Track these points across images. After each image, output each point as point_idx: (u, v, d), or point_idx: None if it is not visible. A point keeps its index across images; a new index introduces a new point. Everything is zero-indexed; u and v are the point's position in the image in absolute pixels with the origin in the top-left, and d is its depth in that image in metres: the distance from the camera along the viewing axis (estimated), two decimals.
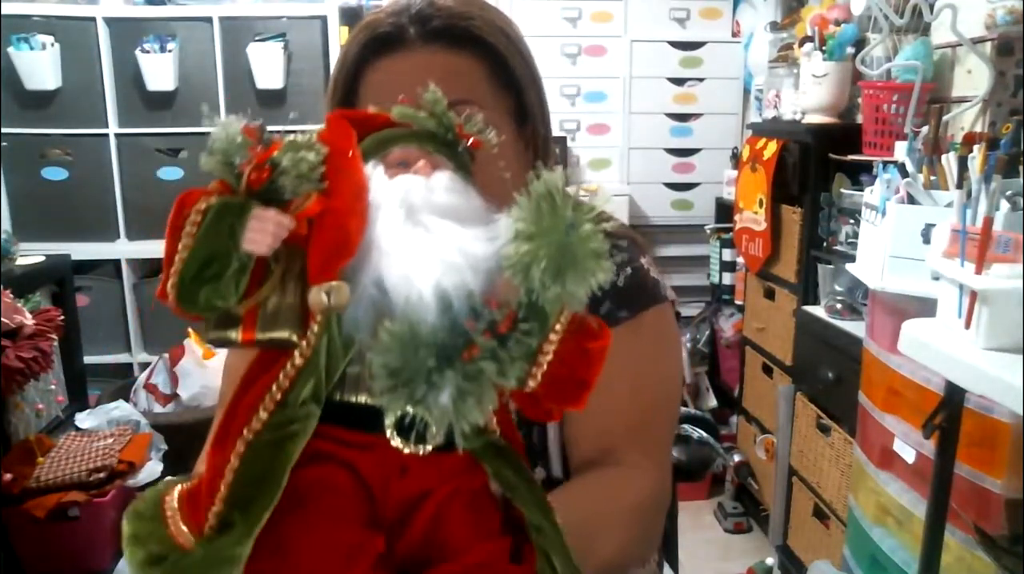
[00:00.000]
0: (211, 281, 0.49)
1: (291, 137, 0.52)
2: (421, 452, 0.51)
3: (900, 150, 1.68)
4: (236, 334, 0.51)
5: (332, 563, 0.50)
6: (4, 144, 2.87)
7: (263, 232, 0.49)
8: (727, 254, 3.02)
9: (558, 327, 0.51)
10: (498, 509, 0.55)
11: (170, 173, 2.95)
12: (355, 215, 0.50)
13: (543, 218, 0.48)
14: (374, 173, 0.54)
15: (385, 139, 0.56)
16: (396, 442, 0.50)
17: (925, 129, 1.69)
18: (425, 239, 0.50)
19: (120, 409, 2.60)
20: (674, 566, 1.22)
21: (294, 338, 0.51)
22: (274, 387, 0.51)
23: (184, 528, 0.51)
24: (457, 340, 0.48)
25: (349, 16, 3.06)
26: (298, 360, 0.50)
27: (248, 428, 0.50)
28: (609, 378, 0.83)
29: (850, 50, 2.22)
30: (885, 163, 1.74)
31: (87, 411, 2.57)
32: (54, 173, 2.94)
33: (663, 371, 0.89)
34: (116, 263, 3.00)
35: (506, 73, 0.83)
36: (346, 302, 0.49)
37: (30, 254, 2.52)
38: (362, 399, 0.51)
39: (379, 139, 0.56)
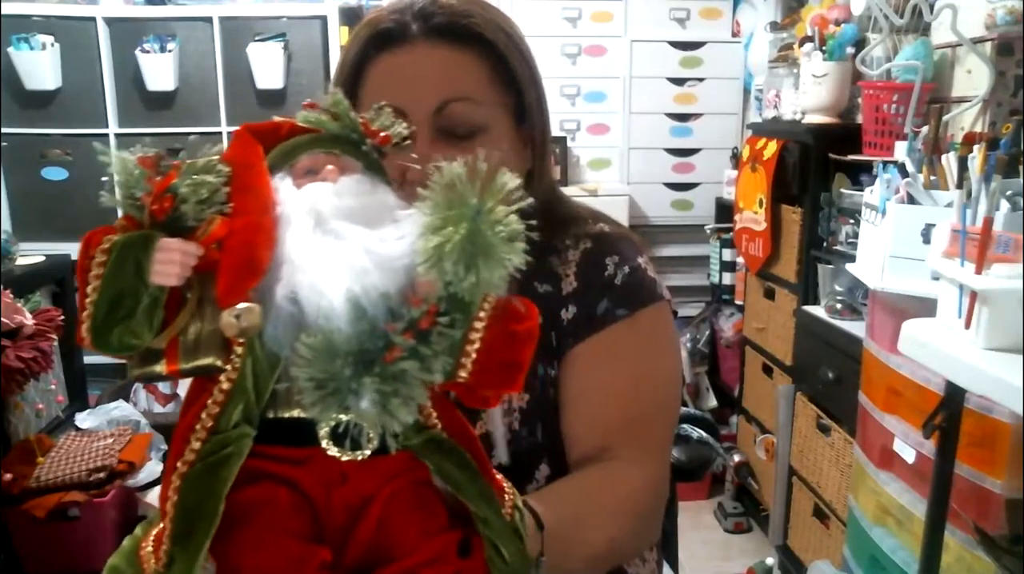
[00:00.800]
0: (123, 320, 0.49)
1: (190, 161, 0.52)
2: (359, 458, 0.51)
3: (900, 150, 1.68)
4: (161, 367, 0.51)
5: None
6: (4, 144, 2.87)
7: (170, 263, 0.49)
8: (727, 254, 3.02)
9: (482, 315, 0.50)
10: (444, 504, 0.55)
11: None
12: (261, 233, 0.50)
13: (449, 208, 0.48)
14: (282, 185, 0.53)
15: (291, 148, 0.55)
16: (332, 452, 0.51)
17: (925, 129, 1.69)
18: (335, 247, 0.50)
19: (120, 409, 2.60)
20: (674, 566, 1.22)
21: (219, 363, 0.50)
22: (204, 415, 0.51)
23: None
24: (376, 343, 0.48)
25: (349, 16, 3.06)
26: (225, 385, 0.51)
27: (181, 460, 0.51)
28: (607, 375, 0.85)
29: (850, 50, 2.22)
30: (885, 163, 1.74)
31: (87, 411, 2.57)
32: (54, 173, 2.94)
33: (661, 368, 0.89)
34: None
35: (506, 71, 0.84)
36: (258, 322, 0.49)
37: (30, 254, 2.52)
38: (295, 414, 0.52)
39: (285, 149, 0.55)
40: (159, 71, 2.87)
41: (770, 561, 2.45)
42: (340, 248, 0.50)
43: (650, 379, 0.87)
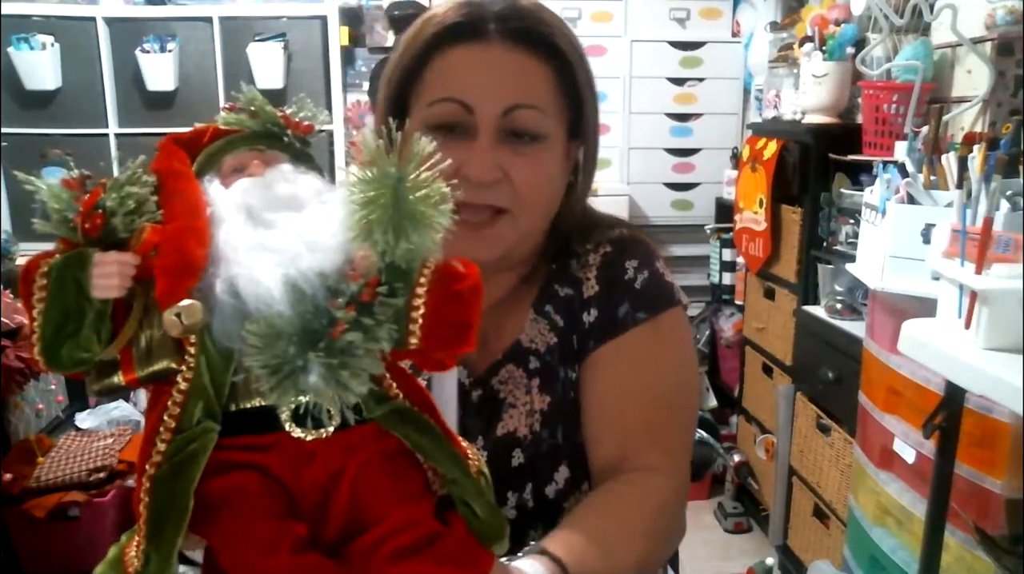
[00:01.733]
0: (71, 338, 0.51)
1: (115, 177, 0.54)
2: (323, 435, 0.53)
3: (900, 150, 1.68)
4: (118, 378, 0.53)
5: (254, 558, 0.52)
6: (4, 144, 2.87)
7: (108, 276, 0.50)
8: (727, 254, 3.02)
9: (423, 280, 0.52)
10: (419, 469, 0.57)
11: None
12: (192, 234, 0.52)
13: (371, 181, 0.50)
14: (211, 187, 0.55)
15: (215, 151, 0.58)
16: (296, 433, 0.53)
17: (925, 129, 1.69)
18: (267, 236, 0.52)
19: (120, 409, 2.60)
20: (674, 566, 1.22)
21: (174, 365, 0.52)
22: (166, 416, 0.52)
23: None
24: (320, 321, 0.49)
25: (349, 16, 3.07)
26: (182, 385, 0.52)
27: (149, 462, 0.52)
28: (629, 378, 0.86)
29: (850, 50, 2.22)
30: (885, 163, 1.74)
31: (87, 411, 2.58)
32: (54, 173, 2.92)
33: (681, 372, 0.90)
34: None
35: (572, 87, 0.85)
36: (200, 318, 0.50)
37: (30, 254, 2.52)
38: (257, 403, 0.53)
39: (210, 153, 0.58)
40: (159, 71, 2.88)
41: (770, 561, 2.45)
42: (273, 236, 0.52)
43: (671, 382, 0.88)
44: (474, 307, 0.54)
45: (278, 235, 0.52)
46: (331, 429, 0.53)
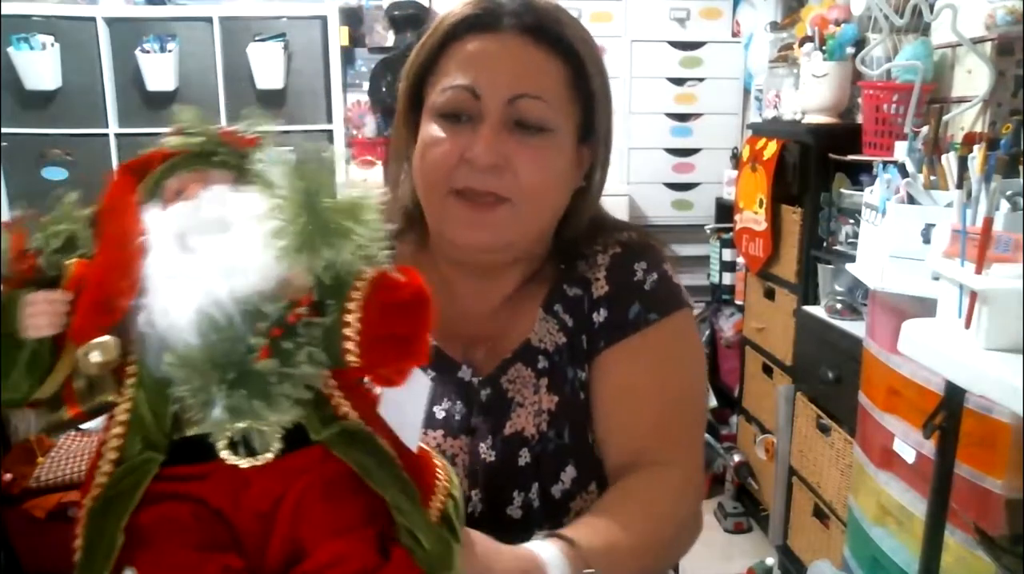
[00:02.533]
0: (3, 378, 0.51)
1: (51, 214, 0.54)
2: (260, 462, 0.50)
3: (900, 150, 1.68)
4: (64, 412, 0.53)
5: None
6: (4, 144, 2.87)
7: (39, 315, 0.50)
8: (727, 254, 3.02)
9: (355, 294, 0.50)
10: (364, 496, 0.54)
11: None
12: (115, 268, 0.51)
13: (284, 197, 0.48)
14: (150, 214, 0.53)
15: (159, 176, 0.56)
16: (232, 461, 0.50)
17: (925, 129, 1.69)
18: (185, 263, 0.50)
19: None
20: (674, 566, 1.22)
21: (114, 398, 0.52)
22: (105, 449, 0.52)
23: None
24: (237, 349, 0.48)
25: (349, 16, 3.06)
26: (121, 416, 0.52)
27: (88, 496, 0.52)
28: (640, 378, 0.87)
29: (850, 50, 2.22)
30: (885, 163, 1.74)
31: None
32: (54, 173, 2.94)
33: (691, 371, 0.92)
34: None
35: (584, 86, 0.86)
36: (114, 357, 0.50)
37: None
38: (195, 431, 0.51)
39: (154, 178, 0.55)
40: (159, 71, 2.87)
41: (770, 561, 2.45)
42: (189, 263, 0.50)
43: (681, 382, 0.89)
44: (416, 318, 0.51)
45: (195, 261, 0.50)
46: (269, 455, 0.50)
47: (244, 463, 0.50)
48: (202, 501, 0.52)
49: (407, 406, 0.63)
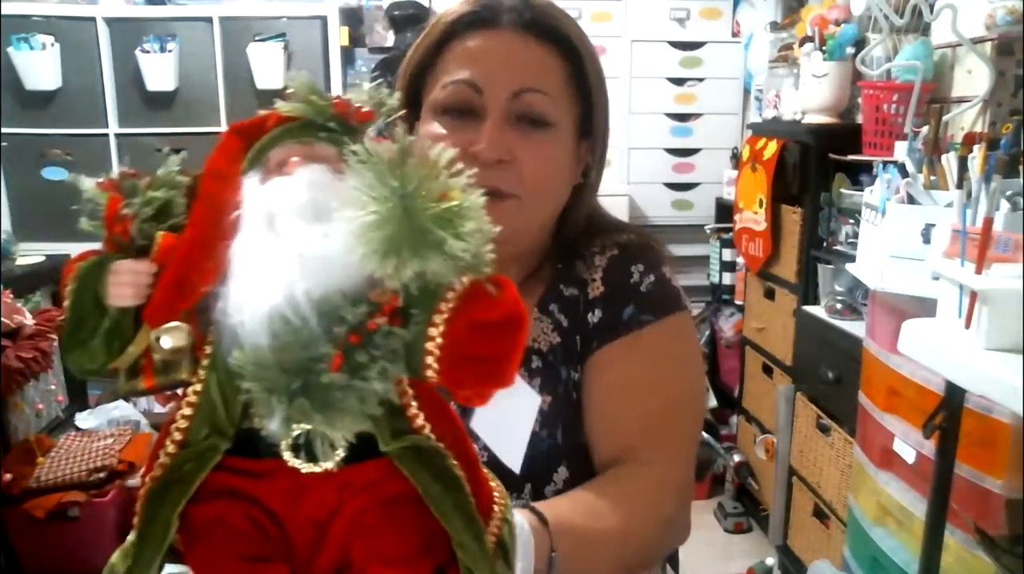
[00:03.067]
0: (81, 345, 0.50)
1: (152, 177, 0.52)
2: (319, 470, 0.48)
3: (900, 150, 1.68)
4: (140, 382, 0.52)
5: None
6: (4, 144, 2.87)
7: (122, 285, 0.49)
8: (727, 254, 3.02)
9: (443, 307, 0.46)
10: (425, 522, 0.50)
11: None
12: (200, 247, 0.49)
13: (376, 197, 0.44)
14: (249, 186, 0.50)
15: (265, 144, 0.52)
16: (293, 463, 0.48)
17: (925, 129, 1.69)
18: (272, 253, 0.47)
19: (120, 409, 2.60)
20: (674, 566, 1.22)
21: (188, 378, 0.50)
22: (173, 429, 0.51)
23: None
24: (311, 354, 0.45)
25: (349, 16, 3.07)
26: (192, 398, 0.50)
27: (151, 475, 0.51)
28: (632, 377, 0.86)
29: (850, 50, 2.22)
30: (885, 163, 1.74)
31: (87, 411, 2.57)
32: (54, 173, 2.94)
33: (686, 373, 0.90)
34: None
35: (582, 82, 0.86)
36: (185, 344, 0.48)
37: (30, 254, 2.52)
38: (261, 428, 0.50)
39: (261, 146, 0.52)
40: (159, 71, 2.87)
41: (770, 561, 2.45)
42: (276, 253, 0.47)
43: (674, 382, 0.88)
44: (505, 340, 0.47)
45: (278, 250, 0.46)
46: (329, 464, 0.48)
47: (304, 468, 0.48)
48: (257, 501, 0.51)
49: (511, 425, 0.59)
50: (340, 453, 0.47)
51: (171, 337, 0.48)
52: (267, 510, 0.51)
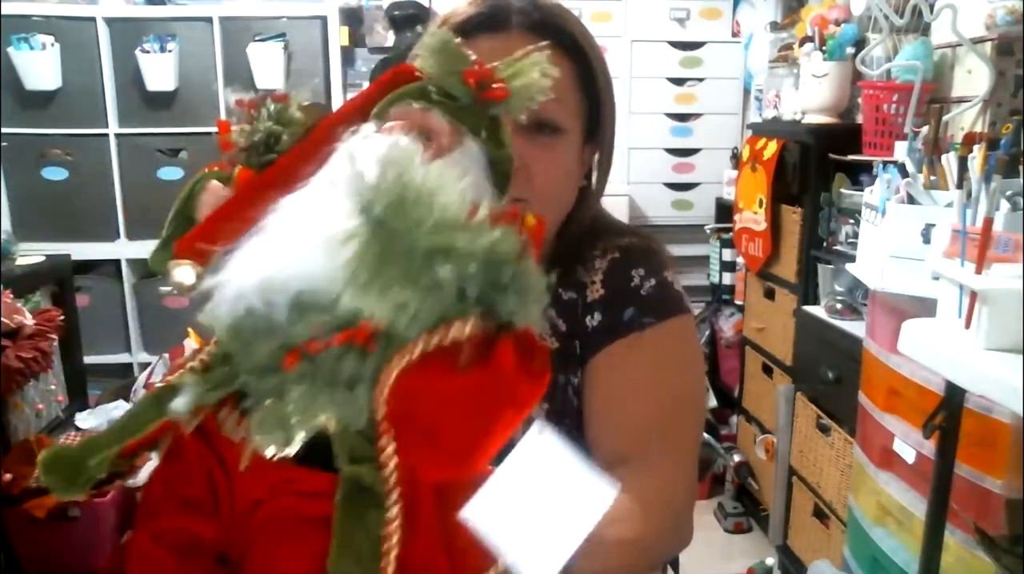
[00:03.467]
0: (164, 249, 0.52)
1: (259, 110, 0.53)
2: (267, 453, 0.40)
3: (900, 150, 1.68)
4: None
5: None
6: (4, 144, 2.87)
7: (203, 204, 0.52)
8: (727, 254, 3.02)
9: (404, 354, 0.37)
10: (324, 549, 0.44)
11: (170, 173, 2.95)
12: (245, 194, 0.48)
13: (361, 220, 0.38)
14: (353, 139, 0.44)
15: (393, 99, 0.48)
16: (256, 442, 0.41)
17: (925, 129, 1.69)
18: (277, 237, 0.41)
19: (120, 409, 2.60)
20: (674, 567, 1.22)
21: None
22: (205, 350, 0.49)
23: None
24: (266, 349, 0.40)
25: (349, 16, 3.06)
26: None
27: (164, 379, 0.51)
28: (631, 379, 0.84)
29: (850, 50, 2.21)
30: (885, 163, 1.74)
31: (87, 411, 2.57)
32: (54, 173, 2.94)
33: (686, 376, 0.89)
34: (116, 263, 3.01)
35: (590, 84, 0.86)
36: (188, 284, 0.47)
37: (30, 254, 2.52)
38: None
39: (389, 99, 0.48)
40: (159, 71, 2.87)
41: (770, 561, 2.45)
42: (261, 243, 0.42)
43: (676, 384, 0.87)
44: (451, 416, 0.37)
45: (265, 243, 0.42)
46: (270, 451, 0.40)
47: (262, 449, 0.41)
48: (220, 455, 0.50)
49: (506, 509, 0.45)
50: (272, 450, 0.40)
51: (179, 274, 0.48)
52: (224, 468, 0.50)
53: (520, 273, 0.36)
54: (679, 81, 3.22)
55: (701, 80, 3.23)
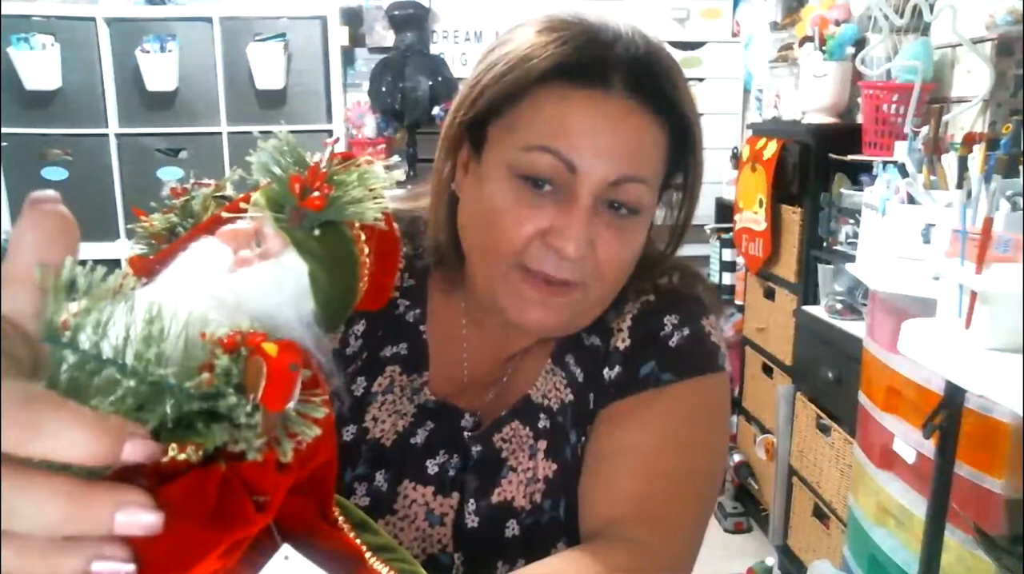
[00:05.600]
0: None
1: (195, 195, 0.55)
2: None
3: (900, 150, 1.68)
4: None
5: None
6: (4, 144, 2.87)
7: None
8: (727, 254, 3.02)
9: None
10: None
11: (170, 173, 2.95)
12: (210, 223, 0.45)
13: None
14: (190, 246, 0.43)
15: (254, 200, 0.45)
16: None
17: (925, 129, 1.69)
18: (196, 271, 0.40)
19: None
20: None
21: None
22: None
23: None
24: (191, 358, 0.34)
25: (349, 16, 3.07)
26: None
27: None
28: (635, 439, 0.75)
29: (850, 50, 2.22)
30: (885, 163, 1.75)
31: None
32: (54, 173, 2.94)
33: (701, 444, 0.76)
34: (116, 263, 3.00)
35: (681, 152, 0.76)
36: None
37: None
38: None
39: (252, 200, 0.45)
40: (159, 71, 2.87)
41: (770, 561, 2.45)
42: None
43: (686, 455, 0.74)
44: (263, 484, 0.33)
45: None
46: (174, 452, 0.34)
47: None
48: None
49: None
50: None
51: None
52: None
53: (233, 406, 0.33)
54: None
55: (701, 80, 3.23)
